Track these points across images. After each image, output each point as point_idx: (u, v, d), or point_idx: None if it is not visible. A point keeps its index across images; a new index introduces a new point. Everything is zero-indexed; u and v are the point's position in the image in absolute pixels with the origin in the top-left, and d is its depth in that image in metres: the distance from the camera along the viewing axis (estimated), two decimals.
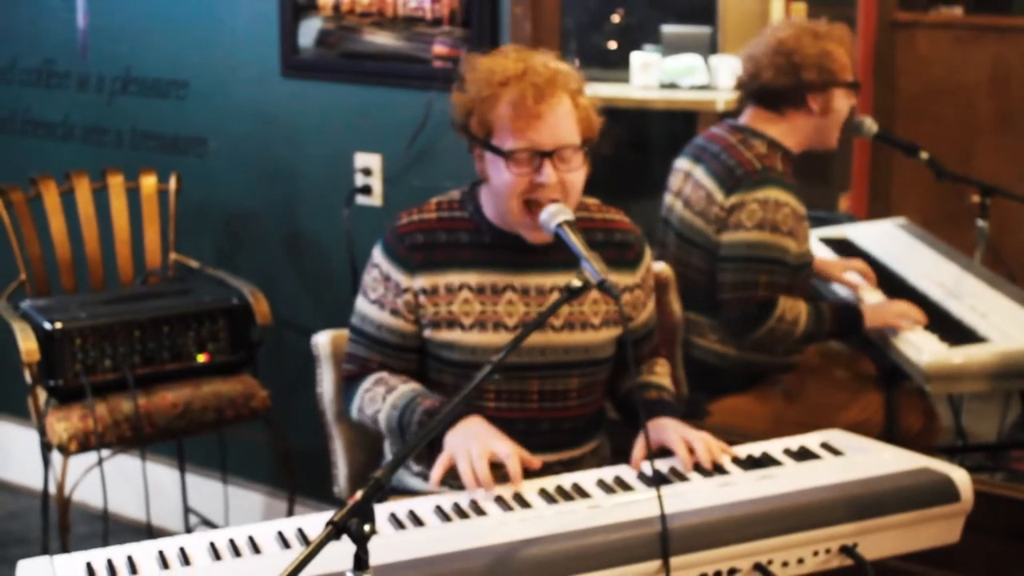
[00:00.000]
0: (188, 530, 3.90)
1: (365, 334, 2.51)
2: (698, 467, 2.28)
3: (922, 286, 3.34)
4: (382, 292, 2.46)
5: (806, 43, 3.10)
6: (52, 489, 3.40)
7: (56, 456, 3.28)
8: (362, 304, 2.51)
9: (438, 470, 2.24)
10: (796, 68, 3.09)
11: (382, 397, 2.44)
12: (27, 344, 3.18)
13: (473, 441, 2.24)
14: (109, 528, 3.45)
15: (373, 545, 1.73)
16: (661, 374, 2.61)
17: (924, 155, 3.35)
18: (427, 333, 2.45)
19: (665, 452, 2.34)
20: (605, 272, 2.08)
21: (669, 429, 2.35)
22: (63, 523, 3.28)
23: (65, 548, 3.21)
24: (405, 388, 2.43)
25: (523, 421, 2.44)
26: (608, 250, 2.42)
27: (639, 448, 2.35)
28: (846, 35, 3.15)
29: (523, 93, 2.29)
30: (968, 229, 3.52)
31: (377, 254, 2.49)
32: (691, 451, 2.30)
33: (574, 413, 2.48)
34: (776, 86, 3.12)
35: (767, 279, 3.05)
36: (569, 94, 2.33)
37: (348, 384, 2.55)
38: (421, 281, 2.43)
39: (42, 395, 3.29)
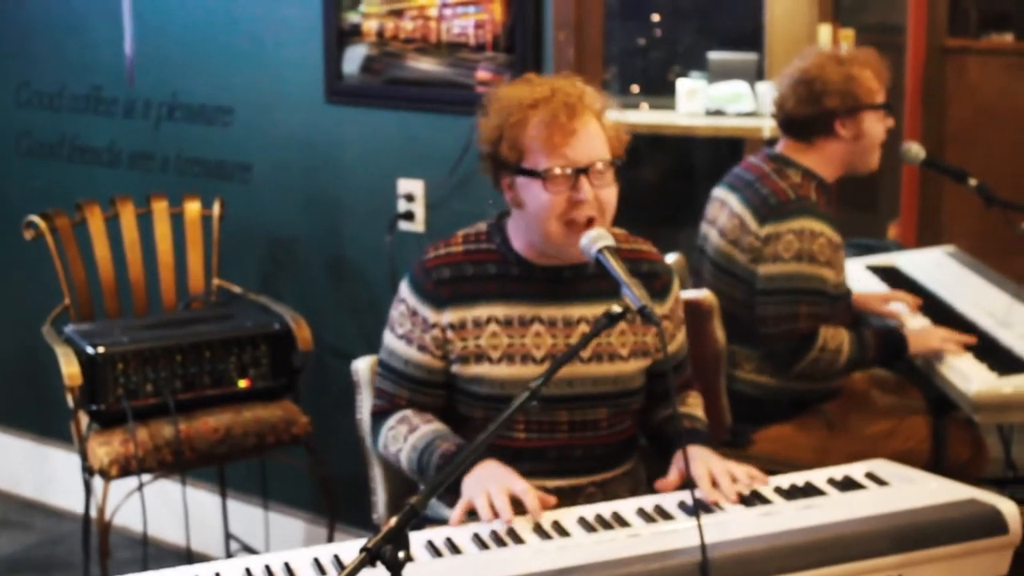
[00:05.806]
0: (229, 556, 3.89)
1: (393, 369, 2.49)
2: (740, 496, 2.25)
3: (972, 315, 3.30)
4: (409, 327, 2.45)
5: (829, 70, 3.07)
6: (94, 513, 3.41)
7: (97, 480, 3.29)
8: (389, 339, 2.50)
9: (457, 513, 2.21)
10: (818, 96, 3.06)
11: (404, 437, 2.42)
12: (70, 368, 3.19)
13: (490, 483, 2.22)
14: (150, 553, 3.46)
15: (409, 572, 1.71)
16: (693, 405, 2.59)
17: (973, 181, 3.31)
18: (455, 368, 2.43)
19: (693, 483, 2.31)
20: (646, 298, 2.07)
21: (697, 460, 2.33)
22: (103, 548, 3.27)
23: (105, 573, 3.21)
24: (427, 429, 2.42)
25: (554, 449, 2.42)
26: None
27: (673, 473, 2.34)
28: (872, 57, 3.12)
29: (555, 112, 2.30)
30: (1019, 256, 3.48)
31: (404, 289, 2.48)
32: (715, 484, 2.27)
33: (605, 440, 2.46)
34: (799, 115, 3.10)
35: (808, 310, 3.01)
36: (595, 115, 2.35)
37: (376, 419, 2.54)
38: (449, 316, 2.41)
39: (84, 419, 3.30)
